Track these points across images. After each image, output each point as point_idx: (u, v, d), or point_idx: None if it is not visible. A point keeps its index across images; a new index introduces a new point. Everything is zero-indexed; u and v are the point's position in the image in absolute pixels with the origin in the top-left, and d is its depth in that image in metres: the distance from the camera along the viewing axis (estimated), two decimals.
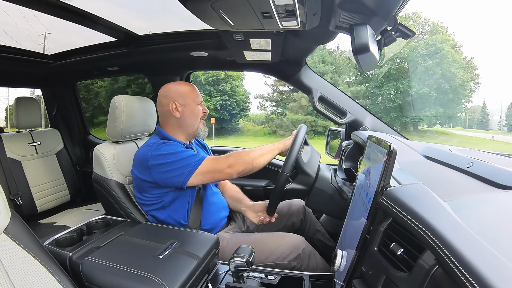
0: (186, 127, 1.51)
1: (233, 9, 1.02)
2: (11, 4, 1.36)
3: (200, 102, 1.54)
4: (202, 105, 1.56)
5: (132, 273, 0.91)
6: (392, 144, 0.71)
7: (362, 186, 0.94)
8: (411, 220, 0.59)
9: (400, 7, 0.95)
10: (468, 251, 0.44)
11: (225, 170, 1.32)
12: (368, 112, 1.87)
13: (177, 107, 1.47)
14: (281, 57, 1.79)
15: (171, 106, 1.47)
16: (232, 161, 1.33)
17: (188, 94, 1.50)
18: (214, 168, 1.33)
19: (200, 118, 1.53)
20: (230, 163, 1.33)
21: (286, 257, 1.28)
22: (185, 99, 1.49)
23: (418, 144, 1.30)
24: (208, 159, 1.35)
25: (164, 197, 1.41)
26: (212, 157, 1.38)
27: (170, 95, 1.49)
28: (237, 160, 1.33)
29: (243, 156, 1.34)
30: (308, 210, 1.69)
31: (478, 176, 0.77)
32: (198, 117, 1.52)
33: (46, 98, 2.86)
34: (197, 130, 1.54)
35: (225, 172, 1.32)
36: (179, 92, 1.49)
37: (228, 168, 1.32)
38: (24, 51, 2.14)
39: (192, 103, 1.50)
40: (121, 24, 1.72)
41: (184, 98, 1.49)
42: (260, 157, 1.36)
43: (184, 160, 1.33)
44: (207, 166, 1.33)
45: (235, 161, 1.33)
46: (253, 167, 1.35)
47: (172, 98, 1.48)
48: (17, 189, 2.26)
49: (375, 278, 0.70)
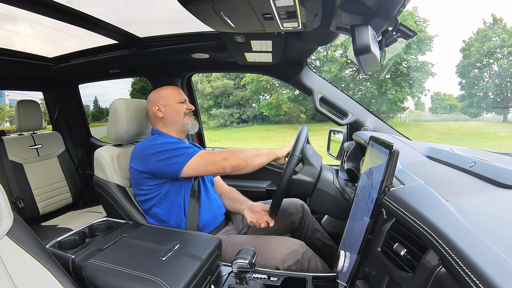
0: (172, 124, 1.60)
1: (234, 10, 1.02)
2: (13, 8, 1.37)
3: (183, 100, 1.63)
4: (187, 103, 1.65)
5: (135, 275, 0.91)
6: (394, 144, 0.71)
7: (365, 187, 0.94)
8: (414, 221, 0.59)
9: (401, 8, 0.95)
10: (472, 251, 0.44)
11: (218, 162, 1.35)
12: (370, 113, 1.87)
13: (159, 108, 1.58)
14: (282, 58, 1.79)
15: (154, 108, 1.58)
16: (226, 154, 1.36)
17: (169, 95, 1.61)
18: (208, 159, 1.37)
19: (183, 114, 1.61)
20: (225, 156, 1.36)
21: (286, 262, 1.28)
22: (166, 100, 1.59)
23: (420, 144, 1.30)
24: (202, 151, 1.40)
25: (160, 189, 1.44)
26: (207, 150, 1.43)
27: (152, 99, 1.61)
28: (231, 155, 1.36)
29: (238, 152, 1.38)
30: (306, 209, 1.70)
31: (481, 175, 0.77)
32: (181, 113, 1.60)
33: (48, 101, 2.86)
34: (184, 126, 1.61)
35: (219, 164, 1.35)
36: (160, 95, 1.61)
37: (222, 161, 1.35)
38: (25, 54, 2.14)
39: (173, 102, 1.60)
40: (122, 26, 1.72)
41: (165, 99, 1.60)
42: (254, 157, 1.39)
43: (179, 150, 1.38)
44: (201, 157, 1.37)
45: (229, 155, 1.36)
46: (247, 165, 1.37)
47: (154, 102, 1.59)
48: (19, 192, 2.26)
49: (379, 279, 0.69)
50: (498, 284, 0.38)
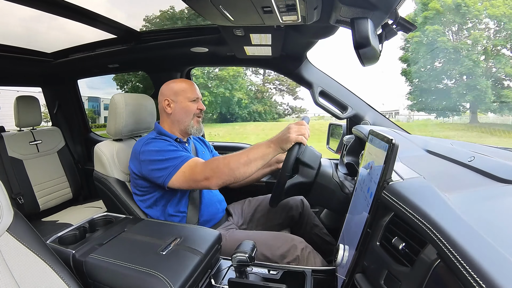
0: (178, 123, 1.53)
1: (233, 4, 1.02)
2: (10, 3, 1.36)
3: (195, 98, 1.53)
4: (199, 102, 1.55)
5: (135, 269, 0.92)
6: (393, 138, 0.71)
7: (364, 181, 0.94)
8: (413, 215, 0.59)
9: (401, 1, 0.94)
10: (470, 245, 0.44)
11: (201, 182, 1.27)
12: (369, 107, 1.87)
13: (169, 103, 1.51)
14: (282, 52, 1.78)
15: (164, 102, 1.51)
16: (209, 173, 1.25)
17: (181, 91, 1.51)
18: (190, 178, 1.29)
19: (193, 114, 1.52)
20: (207, 175, 1.25)
21: (285, 258, 1.28)
22: (177, 96, 1.51)
23: (420, 138, 1.30)
24: (186, 166, 1.31)
25: (155, 191, 1.43)
26: (192, 164, 1.31)
27: (164, 92, 1.52)
28: (214, 173, 1.24)
29: (222, 168, 1.24)
30: (306, 204, 1.69)
31: (480, 170, 0.77)
32: (190, 114, 1.52)
33: (47, 96, 2.86)
34: (188, 127, 1.52)
35: (202, 184, 1.28)
36: (172, 89, 1.52)
37: (205, 181, 1.26)
38: (24, 49, 2.13)
39: (184, 100, 1.51)
40: (120, 21, 1.71)
41: (176, 95, 1.51)
42: (245, 166, 1.25)
43: (167, 162, 1.32)
44: (183, 174, 1.30)
45: (212, 173, 1.25)
46: (236, 179, 1.25)
47: (165, 95, 1.51)
48: (19, 188, 2.27)
49: (377, 273, 0.70)
50: (496, 278, 0.38)
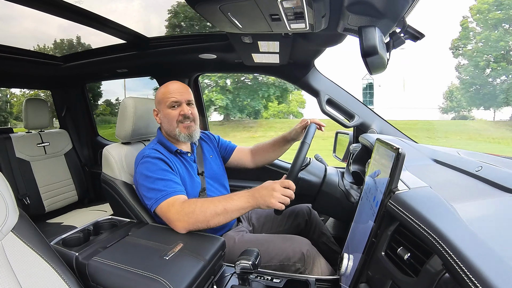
0: (168, 132, 1.46)
1: (242, 11, 1.02)
2: (23, 7, 1.39)
3: (174, 104, 1.41)
4: (182, 106, 1.42)
5: (138, 274, 0.91)
6: (400, 147, 0.70)
7: (370, 190, 0.94)
8: (419, 224, 0.59)
9: (409, 9, 0.94)
10: (477, 257, 0.43)
11: (173, 222, 1.20)
12: (376, 115, 1.86)
13: (157, 113, 1.48)
14: (289, 59, 1.79)
15: (154, 113, 1.50)
16: (182, 217, 1.18)
17: (161, 98, 1.43)
18: (166, 215, 1.22)
19: (176, 122, 1.41)
20: (180, 218, 1.18)
21: (291, 258, 1.27)
22: (160, 104, 1.44)
23: (426, 148, 1.29)
24: (165, 203, 1.24)
25: None
26: (171, 202, 1.23)
27: (155, 101, 1.50)
28: (188, 218, 1.17)
29: (197, 214, 1.17)
30: (313, 212, 1.68)
31: (487, 180, 0.76)
32: (173, 121, 1.41)
33: (56, 99, 2.90)
34: (176, 136, 1.43)
35: (174, 225, 1.21)
36: (157, 97, 1.47)
37: (177, 222, 1.19)
38: (34, 53, 2.18)
39: (164, 107, 1.42)
40: (130, 26, 1.73)
41: (159, 103, 1.45)
42: (220, 216, 1.18)
43: (151, 192, 1.27)
44: (161, 210, 1.23)
45: (185, 218, 1.18)
46: (209, 227, 1.19)
47: (155, 105, 1.49)
48: (25, 189, 2.29)
49: (382, 283, 0.69)
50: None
